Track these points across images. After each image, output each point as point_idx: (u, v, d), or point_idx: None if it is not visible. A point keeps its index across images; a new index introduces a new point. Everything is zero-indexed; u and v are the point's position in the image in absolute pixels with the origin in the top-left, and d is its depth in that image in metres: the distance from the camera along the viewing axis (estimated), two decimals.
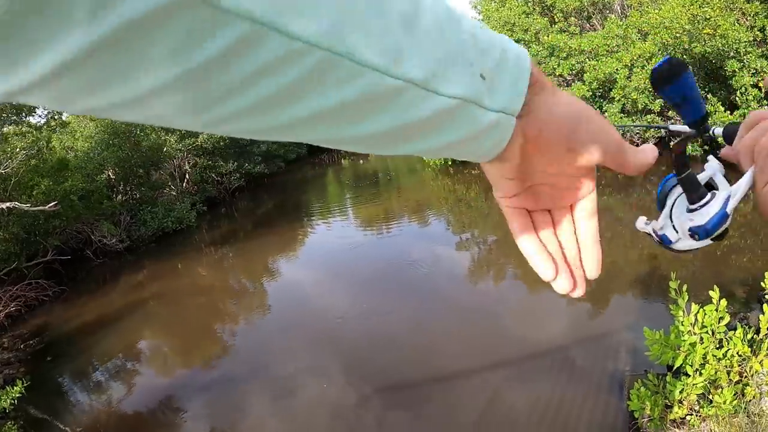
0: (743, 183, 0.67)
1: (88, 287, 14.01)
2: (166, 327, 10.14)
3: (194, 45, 0.28)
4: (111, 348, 9.30)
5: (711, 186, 0.77)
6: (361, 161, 31.97)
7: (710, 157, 0.82)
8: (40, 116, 13.66)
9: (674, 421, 3.96)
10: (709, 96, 12.29)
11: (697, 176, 0.77)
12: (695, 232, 0.68)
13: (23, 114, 12.90)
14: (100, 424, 6.77)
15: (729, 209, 0.68)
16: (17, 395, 5.29)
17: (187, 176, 23.94)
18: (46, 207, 12.08)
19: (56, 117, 14.00)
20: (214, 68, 0.30)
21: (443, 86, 0.39)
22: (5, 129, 13.31)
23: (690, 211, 0.74)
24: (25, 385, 5.47)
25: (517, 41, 14.01)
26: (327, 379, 6.55)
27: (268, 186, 28.08)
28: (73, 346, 9.76)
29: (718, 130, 0.86)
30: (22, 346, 10.05)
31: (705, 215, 0.70)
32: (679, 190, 0.79)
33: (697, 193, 0.74)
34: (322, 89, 0.34)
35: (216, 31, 0.28)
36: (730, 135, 0.78)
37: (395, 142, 0.42)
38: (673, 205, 0.78)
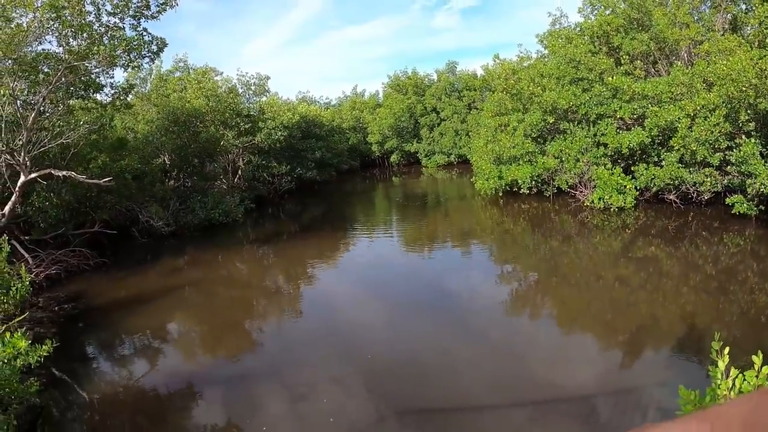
0: None
1: (128, 263, 14.42)
2: (197, 314, 10.30)
3: None
4: (141, 325, 9.49)
5: None
6: (413, 180, 32.06)
7: None
8: (106, 95, 14.20)
9: None
10: None
11: None
12: None
13: (91, 90, 13.45)
14: (117, 395, 6.90)
15: None
16: (44, 353, 5.44)
17: (239, 172, 24.50)
18: (101, 181, 12.53)
19: (122, 97, 14.53)
20: None
21: None
22: (72, 101, 13.89)
23: None
24: (54, 345, 5.63)
25: (581, 79, 13.96)
26: (346, 392, 6.50)
27: (318, 193, 28.42)
28: (105, 317, 10.03)
29: None
30: (56, 309, 10.39)
31: None
32: None
33: None
34: None
35: None
36: None
37: None
38: None
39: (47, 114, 13.08)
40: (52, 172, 12.21)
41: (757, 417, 0.56)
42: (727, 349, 3.77)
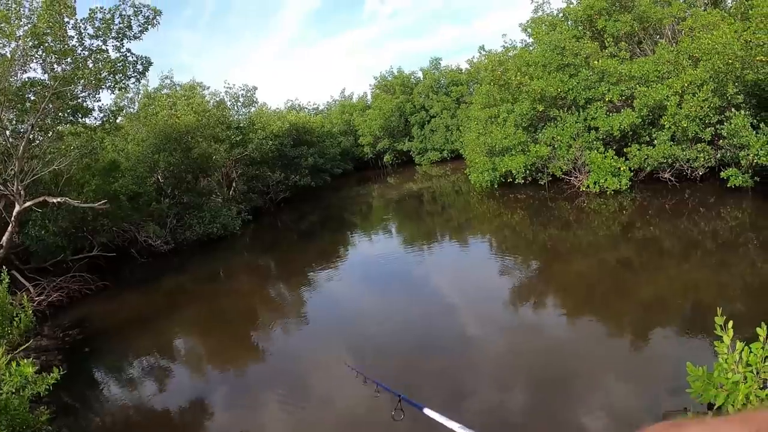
0: None
1: (130, 284, 14.40)
2: (203, 330, 10.29)
3: None
4: (147, 345, 9.48)
5: None
6: (407, 179, 32.06)
7: None
8: (95, 118, 14.17)
9: None
10: (762, 125, 11.82)
11: None
12: None
13: (79, 114, 13.42)
14: (129, 418, 6.89)
15: None
16: (53, 382, 5.43)
17: (234, 185, 24.48)
18: (96, 205, 12.49)
19: (111, 120, 14.50)
20: None
21: None
22: (61, 128, 13.87)
23: None
24: (62, 372, 5.61)
25: (567, 65, 13.93)
26: (354, 394, 6.49)
27: (314, 199, 28.39)
28: (111, 340, 10.01)
29: None
30: (61, 336, 10.36)
31: None
32: None
33: None
34: None
35: None
36: None
37: None
38: None
39: (37, 142, 13.05)
40: (47, 199, 12.17)
41: None
42: (731, 323, 3.79)
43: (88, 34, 12.06)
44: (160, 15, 12.69)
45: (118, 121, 15.72)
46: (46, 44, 11.22)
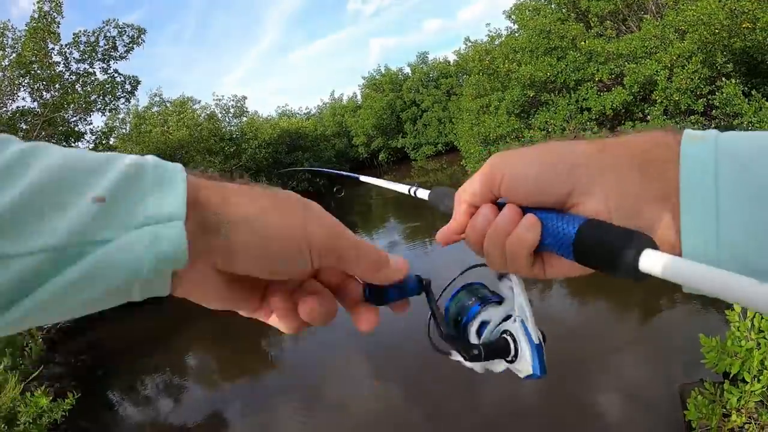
0: (521, 299, 0.60)
1: (139, 303, 14.32)
2: (216, 343, 10.27)
3: None
4: (161, 362, 9.49)
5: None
6: (404, 175, 32.05)
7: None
8: (88, 141, 14.19)
9: (732, 429, 3.75)
10: (753, 92, 11.80)
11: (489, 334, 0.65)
12: (531, 378, 0.62)
13: (72, 139, 13.43)
14: None
15: (536, 339, 0.61)
16: (68, 408, 5.44)
17: None
18: None
19: (104, 142, 14.52)
20: None
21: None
22: None
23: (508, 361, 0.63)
24: (76, 397, 5.62)
25: (554, 49, 13.89)
26: (377, 406, 6.51)
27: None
28: (124, 360, 10.02)
29: None
30: (73, 360, 10.38)
31: (525, 366, 0.61)
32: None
33: (502, 353, 0.63)
34: None
35: None
36: None
37: None
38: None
39: None
40: None
41: None
42: None
43: (74, 58, 12.08)
44: (145, 33, 12.72)
45: (111, 142, 15.73)
46: (33, 72, 11.23)
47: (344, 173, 2.65)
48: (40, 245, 0.34)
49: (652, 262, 0.41)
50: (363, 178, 1.78)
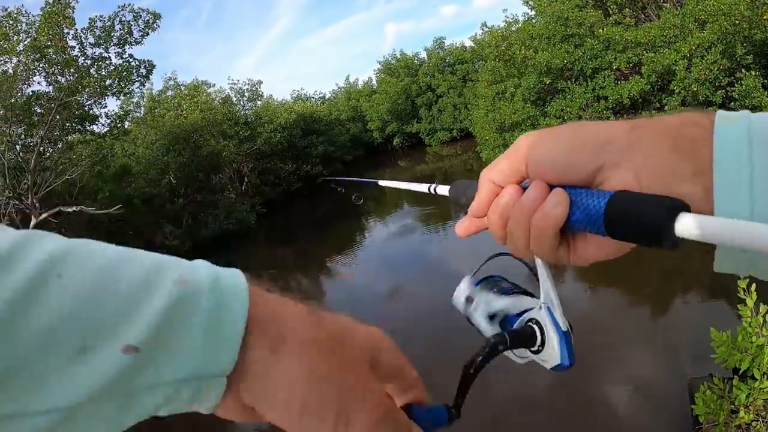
0: (548, 285, 0.59)
1: None
2: None
3: None
4: None
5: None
6: (418, 161, 31.97)
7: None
8: (103, 125, 14.29)
9: (739, 426, 3.73)
10: None
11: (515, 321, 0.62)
12: (560, 370, 0.60)
13: (87, 123, 13.53)
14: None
15: (564, 326, 0.59)
16: None
17: (246, 179, 24.59)
18: (111, 210, 12.64)
19: (119, 125, 14.61)
20: None
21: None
22: (70, 137, 14.01)
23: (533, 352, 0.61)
24: None
25: (572, 36, 13.62)
26: None
27: (327, 188, 28.37)
28: None
29: None
30: None
31: (553, 356, 0.59)
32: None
33: (528, 342, 0.61)
34: None
35: None
36: None
37: None
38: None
39: (48, 154, 13.21)
40: (62, 209, 12.34)
41: None
42: (754, 286, 3.74)
43: (89, 43, 12.13)
44: (160, 18, 12.74)
45: (126, 126, 15.84)
46: (48, 56, 11.31)
47: (363, 180, 2.62)
48: (47, 407, 0.29)
49: (688, 224, 0.40)
50: (382, 183, 1.76)
